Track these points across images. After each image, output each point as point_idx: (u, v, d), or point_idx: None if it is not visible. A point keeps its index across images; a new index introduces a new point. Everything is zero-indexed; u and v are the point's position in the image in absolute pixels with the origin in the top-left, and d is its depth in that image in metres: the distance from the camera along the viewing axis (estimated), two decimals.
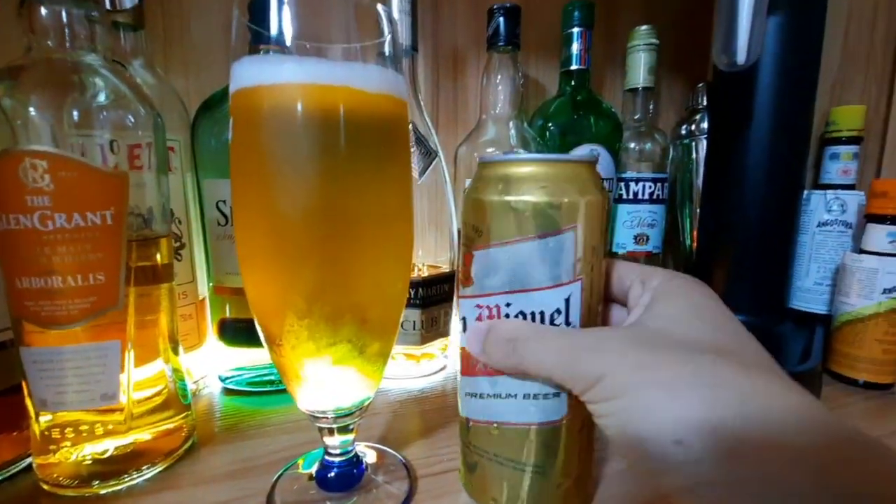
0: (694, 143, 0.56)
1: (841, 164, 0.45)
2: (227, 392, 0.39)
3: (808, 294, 0.47)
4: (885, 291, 0.39)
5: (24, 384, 0.26)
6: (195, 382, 0.39)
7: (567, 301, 0.20)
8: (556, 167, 0.20)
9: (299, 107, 0.19)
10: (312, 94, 0.19)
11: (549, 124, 0.50)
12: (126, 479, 0.27)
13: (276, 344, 0.22)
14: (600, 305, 0.22)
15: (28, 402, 0.26)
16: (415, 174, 0.40)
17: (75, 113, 0.25)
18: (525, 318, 0.21)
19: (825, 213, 0.45)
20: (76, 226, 0.24)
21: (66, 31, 0.25)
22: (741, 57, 0.36)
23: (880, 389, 0.40)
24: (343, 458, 0.26)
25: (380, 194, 0.21)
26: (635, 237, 0.55)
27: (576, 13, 0.48)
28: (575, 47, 0.49)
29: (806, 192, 0.47)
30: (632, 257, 0.56)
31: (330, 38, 0.20)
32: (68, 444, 0.26)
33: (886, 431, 0.35)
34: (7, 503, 0.26)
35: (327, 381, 0.23)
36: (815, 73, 0.44)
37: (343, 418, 0.24)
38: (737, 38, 0.36)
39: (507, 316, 0.21)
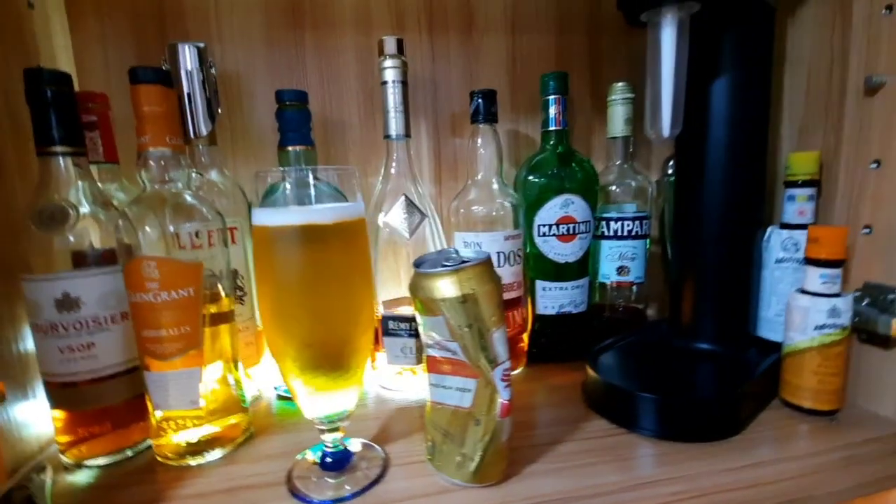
0: None
1: (797, 206, 0.49)
2: (280, 398, 0.53)
3: (771, 324, 0.51)
4: (816, 328, 0.43)
5: (146, 393, 0.41)
6: (258, 390, 0.54)
7: (457, 347, 0.33)
8: (430, 278, 0.32)
9: (287, 236, 0.31)
10: (294, 229, 0.32)
11: (532, 176, 0.59)
12: (206, 456, 0.41)
13: (284, 375, 0.35)
14: (486, 355, 0.33)
15: (148, 404, 0.41)
16: (406, 233, 0.51)
17: (173, 221, 0.39)
18: (447, 349, 0.34)
19: (781, 251, 0.50)
20: (173, 298, 0.38)
21: (165, 171, 0.40)
22: (665, 132, 0.43)
23: (823, 415, 0.45)
24: (335, 449, 0.38)
25: (344, 281, 0.33)
26: (617, 269, 0.61)
27: (551, 83, 0.57)
28: (552, 111, 0.57)
29: (769, 229, 0.52)
30: (618, 287, 0.63)
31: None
32: (172, 432, 0.41)
33: (801, 453, 0.40)
34: (139, 467, 0.42)
35: (316, 399, 0.35)
36: (763, 127, 0.49)
37: (331, 422, 0.37)
38: (661, 116, 0.43)
39: (440, 345, 0.34)
